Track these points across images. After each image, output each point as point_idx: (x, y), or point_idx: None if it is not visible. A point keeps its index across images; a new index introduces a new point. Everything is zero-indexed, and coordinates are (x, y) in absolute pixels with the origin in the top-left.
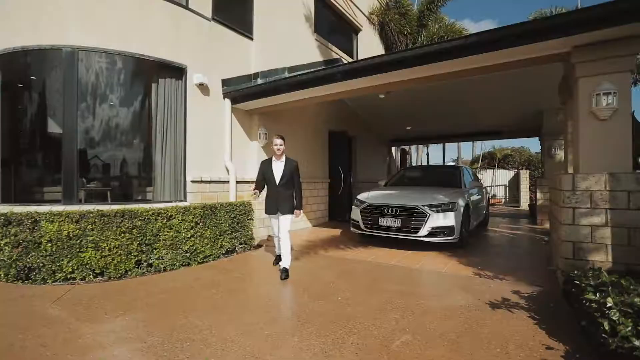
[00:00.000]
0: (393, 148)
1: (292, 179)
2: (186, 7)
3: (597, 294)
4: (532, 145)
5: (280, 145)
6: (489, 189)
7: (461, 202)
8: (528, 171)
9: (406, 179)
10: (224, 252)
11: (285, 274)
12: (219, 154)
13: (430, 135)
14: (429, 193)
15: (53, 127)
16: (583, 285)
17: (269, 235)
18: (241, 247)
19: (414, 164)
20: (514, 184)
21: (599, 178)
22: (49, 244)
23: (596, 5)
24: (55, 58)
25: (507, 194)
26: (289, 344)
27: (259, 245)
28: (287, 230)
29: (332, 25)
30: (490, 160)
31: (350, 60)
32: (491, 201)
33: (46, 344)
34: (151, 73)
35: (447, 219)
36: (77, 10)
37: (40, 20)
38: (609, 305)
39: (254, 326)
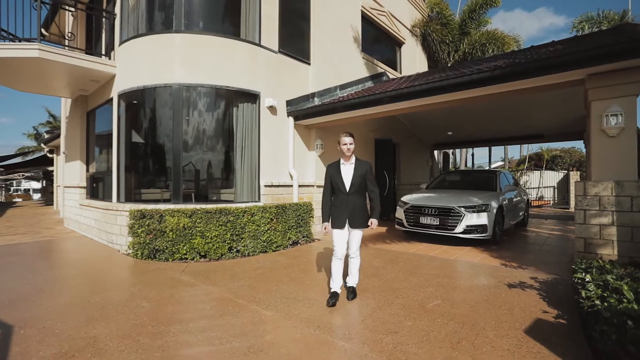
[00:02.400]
0: (435, 152)
1: (364, 184)
2: (259, 45)
3: (584, 274)
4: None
5: (350, 144)
6: (535, 190)
7: (494, 204)
8: (579, 172)
9: (446, 182)
10: (290, 243)
11: (353, 294)
12: (284, 163)
13: (471, 139)
14: (464, 195)
15: (161, 142)
16: (577, 268)
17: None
18: (304, 240)
19: (458, 164)
20: (564, 185)
21: (606, 185)
22: (171, 233)
23: (607, 44)
24: (166, 92)
25: (556, 196)
26: (353, 302)
27: (317, 239)
28: (359, 247)
29: (377, 42)
30: (538, 161)
31: (395, 72)
32: (538, 203)
33: (191, 296)
34: (233, 99)
35: (481, 219)
36: (183, 58)
37: (156, 67)
38: (587, 280)
39: (326, 291)
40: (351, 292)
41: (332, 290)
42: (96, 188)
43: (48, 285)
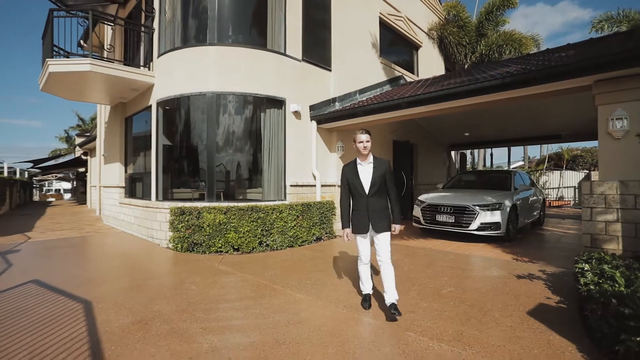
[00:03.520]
0: (453, 152)
1: (384, 184)
2: (285, 54)
3: (584, 264)
4: None
5: (367, 141)
6: (556, 191)
7: (507, 203)
8: None
9: (462, 182)
10: (314, 238)
11: (396, 311)
12: (307, 164)
13: (488, 140)
14: (479, 195)
15: (196, 145)
16: (578, 259)
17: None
18: (326, 236)
19: (477, 163)
20: None
21: (611, 184)
22: (208, 228)
23: (610, 53)
24: (200, 100)
25: (577, 196)
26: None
27: (339, 236)
28: (389, 251)
29: (395, 46)
30: (558, 161)
31: (412, 75)
32: (558, 203)
33: (232, 282)
34: (261, 105)
35: (494, 216)
36: (215, 69)
37: (192, 77)
38: (586, 269)
39: (350, 279)
40: (394, 309)
41: (364, 293)
42: (134, 188)
43: (105, 272)
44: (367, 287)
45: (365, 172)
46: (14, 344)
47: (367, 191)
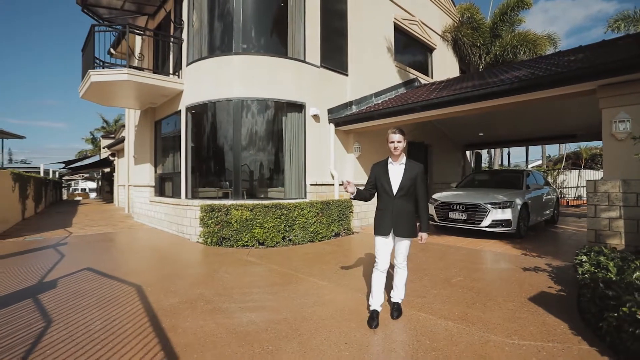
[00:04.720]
0: (468, 152)
1: (414, 188)
2: (304, 61)
3: (583, 256)
4: None
5: (399, 142)
6: (574, 190)
7: (518, 201)
8: None
9: (475, 181)
10: (333, 234)
11: (398, 311)
12: (325, 164)
13: (502, 139)
14: (491, 193)
15: (222, 147)
16: (579, 252)
17: (362, 227)
18: (344, 232)
19: (494, 162)
20: None
21: (614, 183)
22: (236, 223)
23: (612, 60)
24: (226, 105)
25: None
26: (389, 277)
27: (356, 232)
28: (406, 257)
29: (409, 49)
30: (576, 160)
31: (426, 77)
32: (576, 202)
33: (260, 271)
34: (283, 110)
35: (505, 214)
36: (240, 76)
37: (218, 84)
38: (584, 260)
39: (367, 270)
40: (396, 310)
41: (371, 309)
42: (164, 187)
43: (146, 262)
44: (376, 302)
45: (396, 173)
46: (87, 315)
47: (394, 192)
